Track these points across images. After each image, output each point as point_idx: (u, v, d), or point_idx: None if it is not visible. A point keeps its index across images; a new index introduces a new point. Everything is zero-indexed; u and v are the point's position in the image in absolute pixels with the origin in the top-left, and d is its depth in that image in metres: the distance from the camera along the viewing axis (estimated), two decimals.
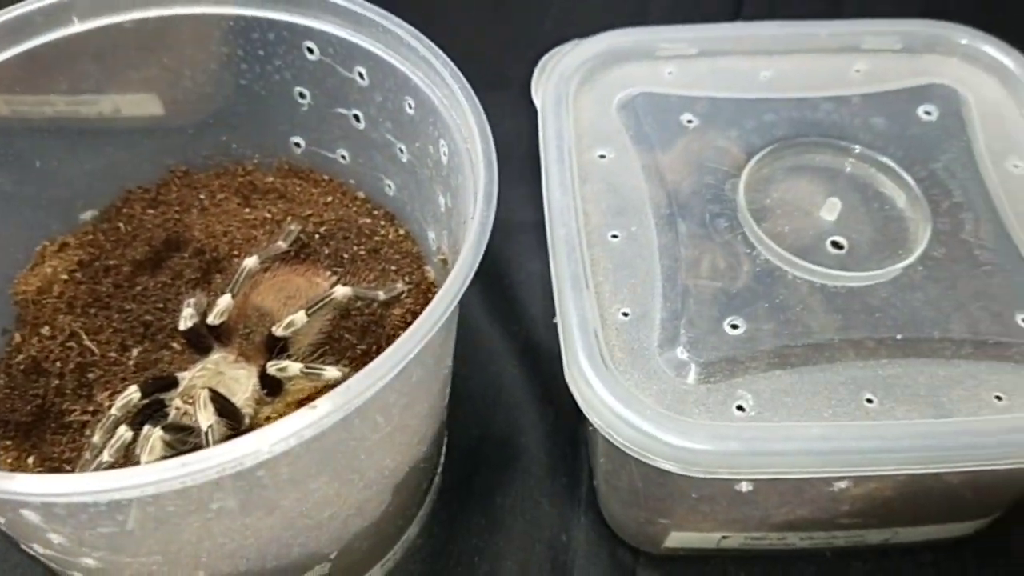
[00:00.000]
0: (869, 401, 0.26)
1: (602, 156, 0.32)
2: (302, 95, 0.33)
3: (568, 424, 0.36)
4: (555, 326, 0.27)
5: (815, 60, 0.34)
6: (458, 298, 0.22)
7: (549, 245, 0.29)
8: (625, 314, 0.28)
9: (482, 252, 0.23)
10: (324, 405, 0.20)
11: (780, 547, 0.32)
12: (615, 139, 0.32)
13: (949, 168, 0.31)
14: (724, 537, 0.31)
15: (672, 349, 0.27)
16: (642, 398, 0.26)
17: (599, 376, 0.26)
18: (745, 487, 0.28)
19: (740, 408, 0.26)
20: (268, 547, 0.25)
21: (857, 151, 0.31)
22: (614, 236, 0.30)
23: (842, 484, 0.28)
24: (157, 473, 0.19)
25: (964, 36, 0.34)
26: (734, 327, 0.27)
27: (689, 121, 0.32)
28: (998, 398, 0.26)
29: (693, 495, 0.29)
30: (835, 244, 0.29)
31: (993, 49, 0.34)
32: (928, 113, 0.33)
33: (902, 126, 0.32)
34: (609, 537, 0.34)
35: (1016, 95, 0.33)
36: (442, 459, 0.34)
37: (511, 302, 0.40)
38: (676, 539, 0.32)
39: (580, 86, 0.34)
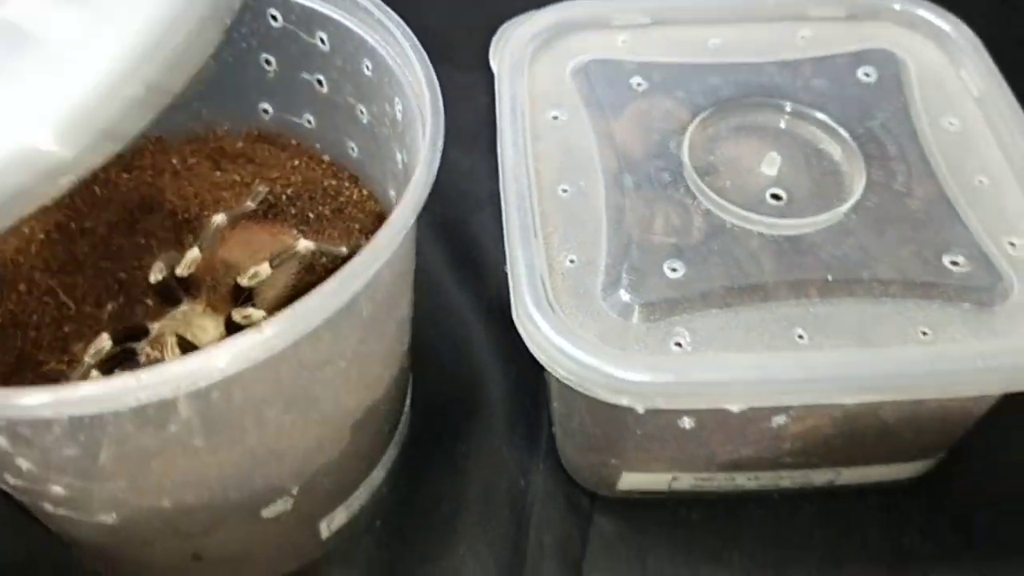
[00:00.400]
0: (800, 337, 0.27)
1: (555, 117, 0.33)
2: (268, 62, 0.34)
3: (530, 378, 0.37)
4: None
5: (762, 28, 0.36)
6: (404, 230, 0.24)
7: (502, 199, 0.31)
8: (572, 261, 0.29)
9: (431, 177, 0.24)
10: (270, 328, 0.21)
11: (729, 488, 0.34)
12: (568, 102, 0.34)
13: (885, 125, 0.32)
14: (674, 478, 0.33)
15: (615, 292, 0.28)
16: (585, 336, 0.27)
17: (544, 317, 0.27)
18: (687, 423, 0.29)
19: (678, 344, 0.27)
20: (230, 477, 0.27)
21: (797, 110, 0.33)
22: (564, 191, 0.31)
23: (780, 420, 0.29)
24: (112, 387, 0.20)
25: (905, 3, 0.36)
26: (674, 271, 0.29)
27: (639, 85, 0.34)
28: (924, 333, 0.28)
29: (639, 432, 0.30)
30: (775, 196, 0.31)
31: (932, 15, 0.35)
32: (867, 75, 0.34)
33: (841, 87, 0.34)
34: (567, 482, 0.35)
35: (954, 58, 0.35)
36: (406, 409, 0.35)
37: (477, 267, 0.41)
38: (628, 481, 0.33)
39: (536, 53, 0.35)
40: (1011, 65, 0.39)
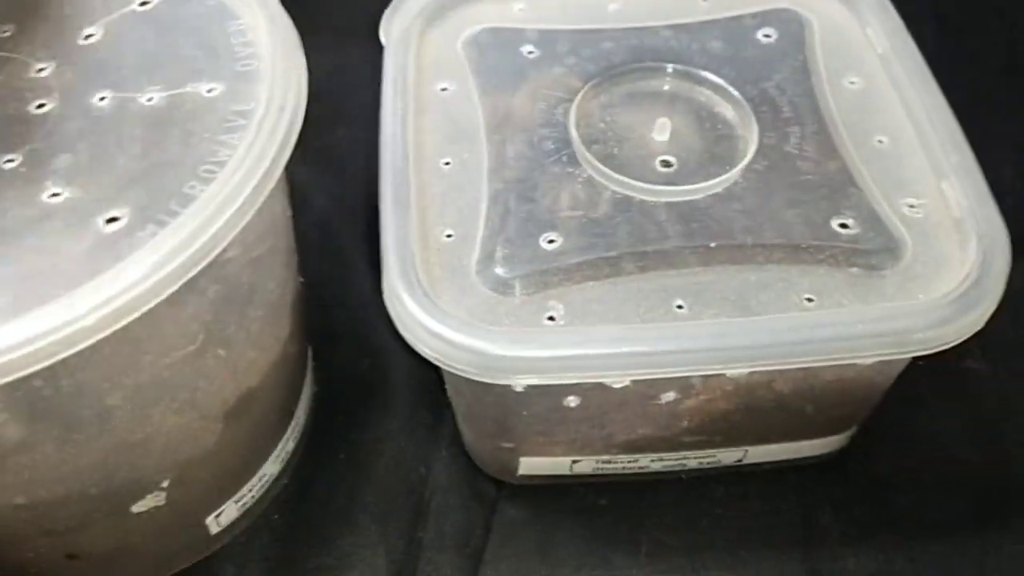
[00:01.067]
0: (680, 307, 0.26)
1: (443, 89, 0.32)
2: None
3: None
4: None
5: None
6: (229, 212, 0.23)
7: (380, 174, 0.29)
8: (449, 235, 0.28)
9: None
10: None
11: (635, 471, 0.32)
12: (458, 73, 0.33)
13: (781, 86, 0.31)
14: (575, 461, 0.32)
15: (489, 266, 0.27)
16: (453, 312, 0.26)
17: (411, 293, 0.26)
18: (572, 402, 0.28)
19: (551, 318, 0.26)
20: (86, 471, 0.26)
21: (690, 73, 0.31)
22: (446, 163, 0.30)
23: (669, 396, 0.28)
24: None
25: None
26: (551, 242, 0.27)
27: (530, 52, 0.33)
28: (809, 299, 0.26)
29: (525, 413, 0.29)
30: (665, 163, 0.30)
31: None
32: (767, 36, 0.33)
33: (739, 48, 0.32)
34: (470, 469, 0.34)
35: (859, 15, 0.33)
36: (304, 398, 0.34)
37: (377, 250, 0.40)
38: (528, 465, 0.32)
39: (428, 24, 0.34)
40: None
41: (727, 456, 0.32)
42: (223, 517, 0.31)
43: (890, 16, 0.32)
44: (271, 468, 0.32)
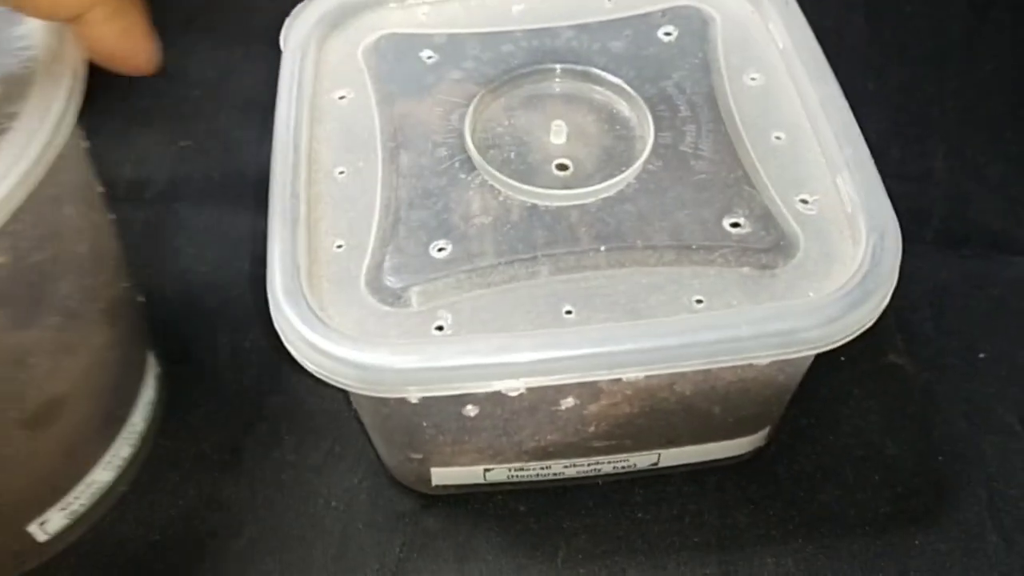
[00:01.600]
0: (568, 312, 0.26)
1: (341, 97, 0.32)
2: None
3: None
4: None
5: None
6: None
7: (270, 184, 0.29)
8: (339, 246, 0.28)
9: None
10: None
11: (550, 477, 0.32)
12: (356, 80, 0.32)
13: (680, 84, 0.31)
14: (487, 470, 0.31)
15: (378, 276, 0.27)
16: (339, 325, 0.25)
17: (294, 306, 0.25)
18: (471, 411, 0.28)
19: (439, 328, 0.26)
20: None
21: (588, 73, 0.31)
22: (341, 172, 0.29)
23: (569, 402, 0.28)
24: None
25: None
26: (440, 250, 0.27)
27: (429, 58, 0.32)
28: (699, 301, 0.26)
29: (425, 424, 0.29)
30: (561, 166, 0.29)
31: None
32: (668, 34, 0.32)
33: (640, 47, 0.32)
34: (389, 483, 0.34)
35: (761, 10, 0.33)
36: (138, 405, 0.33)
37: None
38: (441, 476, 0.32)
39: (329, 31, 0.33)
40: None
41: (641, 460, 0.32)
42: (49, 525, 0.31)
43: (792, 11, 0.32)
44: (102, 475, 0.32)
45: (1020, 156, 0.43)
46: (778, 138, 0.30)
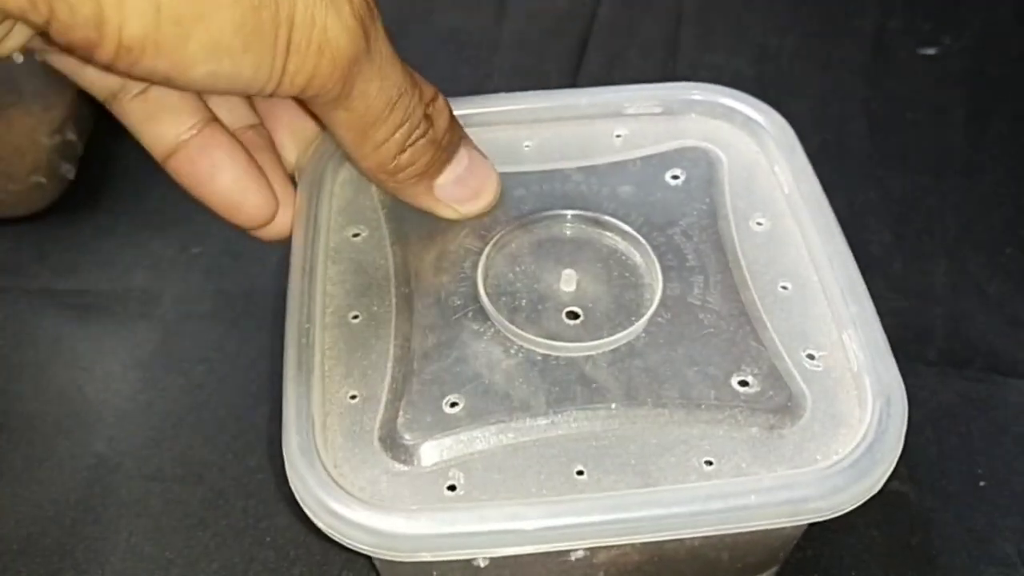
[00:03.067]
0: (580, 473, 0.26)
1: (355, 235, 0.32)
2: None
3: None
4: None
5: (578, 127, 0.35)
6: None
7: (286, 328, 0.29)
8: (353, 397, 0.28)
9: None
10: None
11: None
12: (371, 218, 0.33)
13: (687, 232, 0.31)
14: None
15: (390, 432, 0.27)
16: (352, 485, 0.26)
17: (309, 468, 0.26)
18: (482, 563, 0.28)
19: (451, 488, 0.26)
20: None
21: (600, 220, 0.32)
22: (355, 317, 0.30)
23: (579, 554, 0.28)
24: None
25: (722, 95, 0.35)
26: (453, 405, 0.27)
27: None
28: (708, 463, 0.26)
29: (434, 573, 0.29)
30: (572, 314, 0.30)
31: (747, 107, 0.35)
32: (675, 177, 0.33)
33: (648, 192, 0.33)
34: None
35: (766, 151, 0.34)
36: None
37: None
38: None
39: (343, 163, 0.34)
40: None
41: None
42: None
43: (796, 154, 0.33)
44: None
45: (1020, 272, 0.44)
46: (784, 288, 0.30)
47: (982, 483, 0.37)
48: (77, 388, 0.38)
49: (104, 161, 0.46)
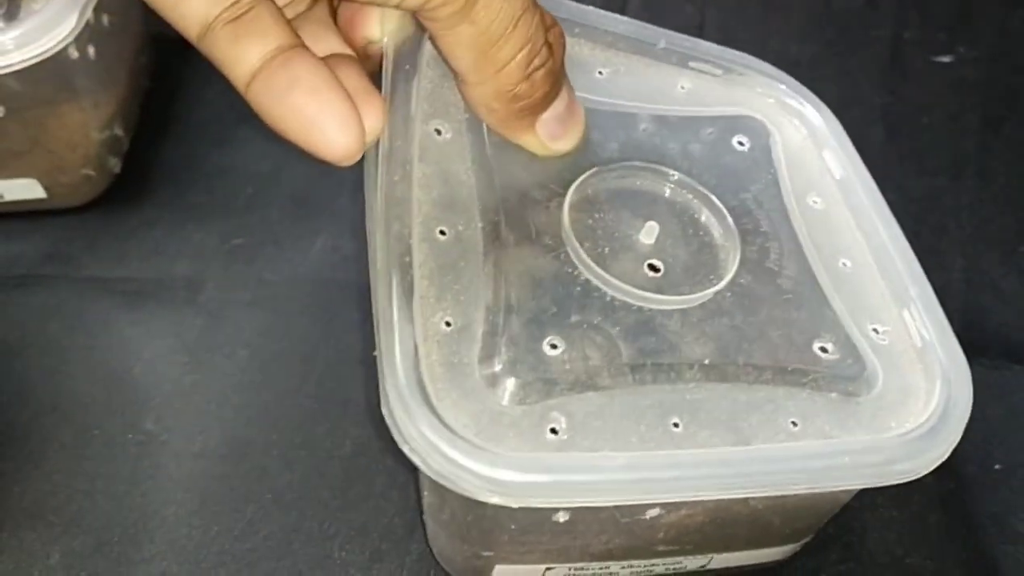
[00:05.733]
0: (676, 425, 0.27)
1: (438, 131, 0.30)
2: None
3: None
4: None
5: (647, 67, 0.35)
6: None
7: (370, 240, 0.27)
8: (448, 323, 0.27)
9: None
10: None
11: (605, 575, 0.32)
12: (453, 114, 0.30)
13: (758, 199, 0.32)
14: (548, 568, 0.31)
15: (491, 367, 0.26)
16: (456, 421, 0.25)
17: (413, 402, 0.25)
18: (563, 517, 0.28)
19: (553, 431, 0.26)
20: None
21: (675, 177, 0.32)
22: (442, 232, 0.28)
23: (654, 512, 0.29)
24: None
25: (775, 77, 0.36)
26: (553, 347, 0.27)
27: None
28: (794, 423, 0.27)
29: (513, 527, 0.28)
30: (652, 267, 0.30)
31: (798, 95, 0.35)
32: (741, 144, 0.34)
33: (717, 154, 0.33)
34: (438, 572, 0.33)
35: (815, 138, 0.35)
36: None
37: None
38: (501, 572, 0.31)
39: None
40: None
41: (693, 562, 0.33)
42: None
43: (846, 144, 0.34)
44: None
45: None
46: (844, 264, 0.32)
47: (997, 466, 0.38)
48: (125, 370, 0.39)
49: (148, 156, 0.47)
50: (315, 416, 0.38)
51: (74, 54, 0.39)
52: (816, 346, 0.29)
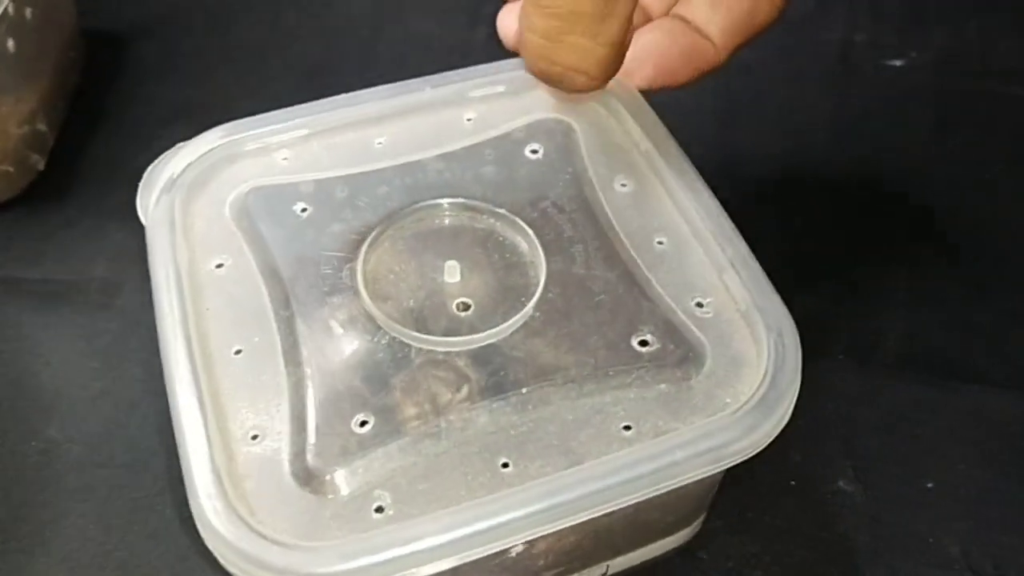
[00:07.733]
0: (505, 466, 0.26)
1: (219, 266, 0.30)
2: None
3: None
4: None
5: (428, 117, 0.34)
6: None
7: (167, 381, 0.27)
8: (255, 437, 0.26)
9: None
10: None
11: None
12: (231, 244, 0.31)
13: (557, 203, 0.31)
14: None
15: (302, 464, 0.26)
16: (273, 528, 0.24)
17: (221, 515, 0.24)
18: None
19: (379, 510, 0.25)
20: None
21: (471, 205, 0.31)
22: (237, 352, 0.28)
23: (518, 548, 0.28)
24: None
25: None
26: (363, 424, 0.26)
27: (303, 210, 0.31)
28: (627, 428, 0.27)
29: None
30: (463, 305, 0.29)
31: None
32: (534, 151, 0.33)
33: (511, 170, 0.32)
34: None
35: (615, 114, 0.34)
36: None
37: None
38: None
39: (190, 192, 0.32)
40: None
41: (592, 573, 0.32)
42: None
43: (645, 111, 0.34)
44: None
45: (976, 282, 0.44)
46: (660, 243, 0.31)
47: (929, 484, 0.36)
48: (33, 375, 0.38)
49: (74, 154, 0.46)
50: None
51: None
52: (635, 341, 0.28)
